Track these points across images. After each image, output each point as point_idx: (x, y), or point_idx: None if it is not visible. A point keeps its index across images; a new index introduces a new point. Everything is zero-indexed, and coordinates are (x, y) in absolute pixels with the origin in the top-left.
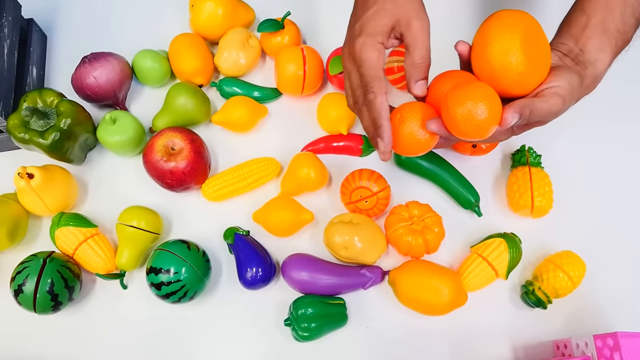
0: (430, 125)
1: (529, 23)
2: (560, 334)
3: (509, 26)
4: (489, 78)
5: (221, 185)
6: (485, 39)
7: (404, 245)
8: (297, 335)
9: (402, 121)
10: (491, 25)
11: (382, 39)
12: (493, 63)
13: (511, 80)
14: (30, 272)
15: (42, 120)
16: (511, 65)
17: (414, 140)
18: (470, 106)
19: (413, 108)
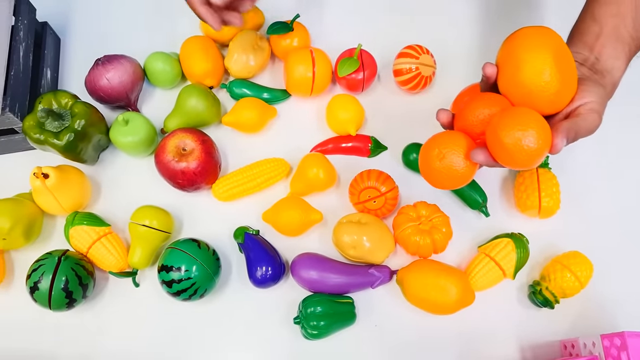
0: (477, 157)
1: (555, 39)
2: (568, 333)
3: (538, 45)
4: (523, 100)
5: (231, 186)
6: (515, 61)
7: (412, 245)
8: (306, 333)
9: (442, 157)
10: (519, 46)
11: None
12: (527, 84)
13: (547, 100)
14: (45, 270)
15: (56, 122)
16: (547, 85)
17: (455, 174)
18: (522, 135)
19: (450, 140)
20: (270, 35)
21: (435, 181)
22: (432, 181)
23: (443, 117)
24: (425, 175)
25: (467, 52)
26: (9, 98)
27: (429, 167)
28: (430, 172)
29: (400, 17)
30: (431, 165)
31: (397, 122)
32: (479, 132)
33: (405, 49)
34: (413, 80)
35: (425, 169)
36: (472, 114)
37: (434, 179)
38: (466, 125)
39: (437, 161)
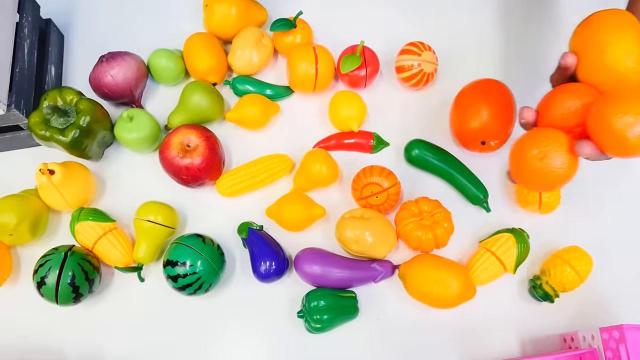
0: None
1: (633, 19)
2: (567, 327)
3: (621, 26)
4: (611, 84)
5: (235, 181)
6: (599, 44)
7: (414, 240)
8: (309, 326)
9: (543, 156)
10: (601, 29)
11: None
12: (616, 67)
13: (638, 81)
14: (52, 265)
15: (62, 118)
16: (636, 66)
17: (558, 173)
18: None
19: (548, 137)
20: (274, 32)
21: (535, 183)
22: (530, 184)
23: (529, 115)
24: (521, 179)
25: (469, 49)
26: (15, 95)
27: (526, 169)
28: (529, 174)
29: (402, 14)
30: (529, 166)
31: (399, 119)
32: (571, 126)
33: (408, 46)
34: (415, 76)
35: (521, 171)
36: (562, 107)
37: (533, 182)
38: (555, 120)
39: (537, 162)
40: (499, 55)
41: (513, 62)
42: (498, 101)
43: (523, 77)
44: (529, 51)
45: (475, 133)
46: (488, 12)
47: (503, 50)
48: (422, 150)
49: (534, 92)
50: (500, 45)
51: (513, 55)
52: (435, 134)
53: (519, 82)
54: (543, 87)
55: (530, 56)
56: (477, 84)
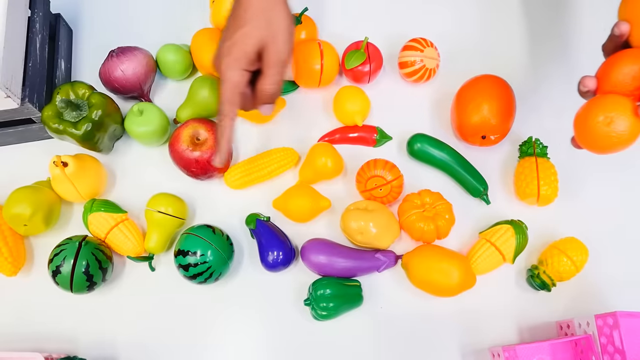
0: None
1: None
2: (564, 315)
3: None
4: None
5: (243, 174)
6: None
7: (416, 231)
8: (316, 314)
9: (610, 121)
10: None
11: (246, 65)
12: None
13: None
14: (67, 255)
15: (74, 112)
16: None
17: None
18: None
19: (613, 103)
20: None
21: (603, 146)
22: (598, 147)
23: (590, 83)
24: (589, 143)
25: (470, 45)
26: (28, 89)
27: (594, 134)
28: (597, 138)
29: (404, 10)
30: (597, 131)
31: (401, 113)
32: (631, 89)
33: (411, 42)
34: (418, 72)
35: (587, 137)
36: (621, 73)
37: (601, 145)
38: (616, 86)
39: (604, 127)
40: (499, 51)
41: (514, 58)
42: (498, 96)
43: (523, 73)
44: (530, 47)
45: (476, 127)
46: (489, 9)
47: (504, 46)
48: (424, 144)
49: (533, 87)
50: (501, 42)
51: (514, 51)
52: (436, 128)
53: (519, 78)
54: (544, 83)
55: (531, 52)
56: (478, 79)
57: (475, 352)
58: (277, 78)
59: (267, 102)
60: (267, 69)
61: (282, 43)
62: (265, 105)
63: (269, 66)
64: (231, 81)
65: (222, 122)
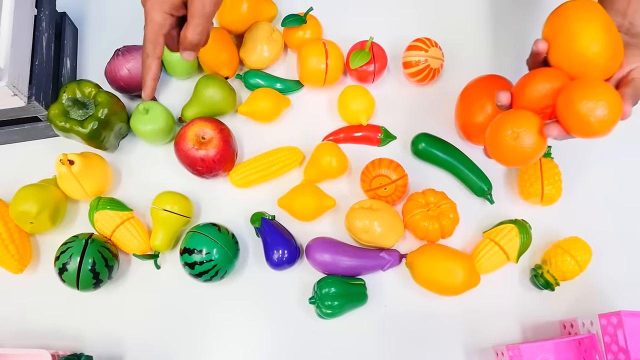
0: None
1: (600, 9)
2: (567, 314)
3: (589, 15)
4: (579, 68)
5: (248, 173)
6: (568, 32)
7: (420, 230)
8: (320, 312)
9: (517, 136)
10: (571, 18)
11: (170, 9)
12: (583, 53)
13: (602, 66)
14: (73, 252)
15: (81, 110)
16: (601, 52)
17: (528, 151)
18: (597, 104)
19: (522, 119)
20: (284, 27)
21: (508, 159)
22: (503, 160)
23: (504, 98)
24: (496, 155)
25: (474, 45)
26: (34, 87)
27: (501, 147)
28: (503, 151)
29: (409, 10)
30: (504, 144)
31: (405, 113)
32: (542, 107)
33: (415, 42)
34: (422, 72)
35: (496, 149)
36: (534, 90)
37: (506, 158)
38: (529, 102)
39: (511, 140)
40: (503, 51)
41: (517, 58)
42: None
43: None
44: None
45: (480, 127)
46: (493, 9)
47: (508, 46)
48: (428, 144)
49: None
50: (505, 42)
51: (517, 51)
52: (440, 128)
53: None
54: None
55: None
56: (482, 79)
57: (479, 350)
58: (200, 29)
59: (189, 50)
60: (190, 18)
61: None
62: (187, 51)
63: (192, 16)
64: (154, 22)
65: (146, 60)
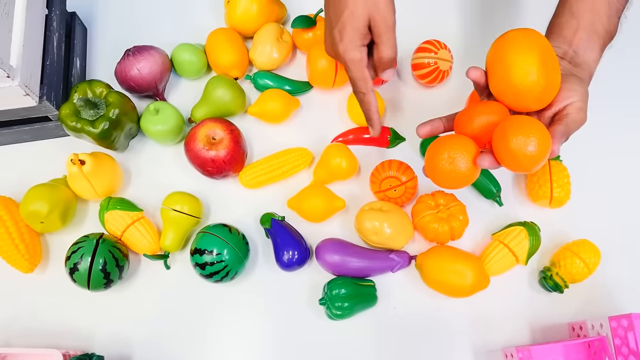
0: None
1: (541, 40)
2: (575, 316)
3: (525, 48)
4: (513, 98)
5: (257, 174)
6: (504, 62)
7: (430, 232)
8: (330, 313)
9: (452, 161)
10: (508, 49)
11: (362, 41)
12: (516, 84)
13: (535, 98)
14: (84, 252)
15: (92, 110)
16: (534, 84)
17: (461, 177)
18: (527, 142)
19: (459, 145)
20: (294, 28)
21: (441, 182)
22: (437, 181)
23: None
24: (431, 176)
25: (483, 47)
26: (46, 87)
27: (436, 169)
28: (438, 173)
29: (418, 12)
30: (439, 167)
31: (414, 115)
32: (479, 136)
33: (424, 44)
34: (431, 74)
35: (432, 170)
36: (473, 121)
37: (440, 180)
38: (467, 132)
39: (447, 164)
40: None
41: None
42: None
43: None
44: None
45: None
46: (502, 11)
47: None
48: None
49: None
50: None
51: None
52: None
53: None
54: None
55: None
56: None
57: (487, 352)
58: (392, 42)
59: (389, 67)
60: (379, 37)
61: (385, 10)
62: (388, 71)
63: (381, 34)
64: (355, 61)
65: (364, 98)
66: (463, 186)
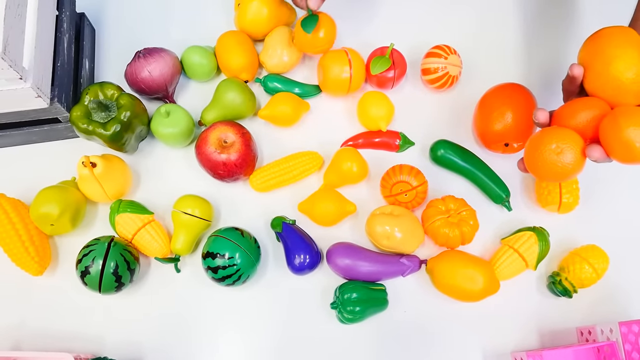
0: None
1: (636, 37)
2: (584, 321)
3: (625, 42)
4: (613, 93)
5: (268, 177)
6: (605, 57)
7: (441, 237)
8: (342, 317)
9: (560, 151)
10: (607, 44)
11: None
12: (618, 77)
13: (636, 92)
14: (96, 255)
15: (103, 113)
16: (636, 78)
17: (567, 169)
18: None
19: (568, 136)
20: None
21: (545, 173)
22: (540, 173)
23: (542, 116)
24: (533, 167)
25: (492, 53)
26: (57, 89)
27: (540, 160)
28: (543, 164)
29: (428, 17)
30: (544, 158)
31: (424, 119)
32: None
33: (434, 49)
34: (441, 79)
35: (535, 161)
36: (574, 116)
37: (544, 172)
38: (570, 126)
39: (554, 155)
40: (522, 59)
41: (536, 66)
42: (521, 105)
43: (546, 82)
44: (553, 56)
45: (499, 135)
46: (512, 17)
47: (526, 54)
48: (447, 151)
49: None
50: (524, 50)
51: (536, 59)
52: (459, 135)
53: (542, 87)
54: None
55: (553, 60)
56: (502, 87)
57: (497, 356)
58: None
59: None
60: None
61: None
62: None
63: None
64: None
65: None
66: (567, 179)
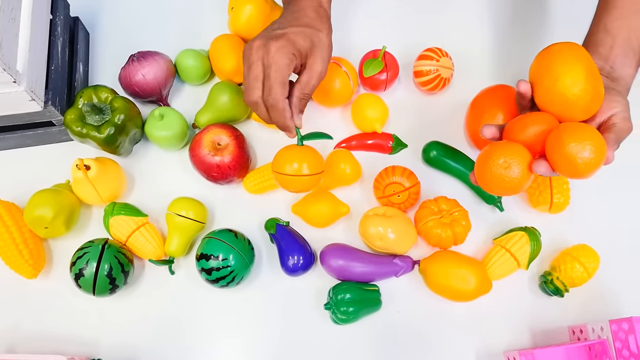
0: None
1: (584, 53)
2: (575, 320)
3: (572, 59)
4: (560, 108)
5: (262, 179)
6: (552, 73)
7: (434, 237)
8: (336, 318)
9: (507, 166)
10: (555, 60)
11: (296, 53)
12: (565, 94)
13: (583, 107)
14: (90, 257)
15: (97, 116)
16: (582, 94)
17: (515, 183)
18: (584, 148)
19: (515, 151)
20: None
21: (493, 187)
22: (488, 187)
23: (488, 133)
24: (482, 181)
25: (484, 55)
26: (50, 92)
27: (489, 174)
28: (491, 178)
29: (420, 19)
30: (493, 172)
31: (416, 121)
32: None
33: (426, 52)
34: (433, 81)
35: (484, 175)
36: (524, 130)
37: (492, 185)
38: (519, 140)
39: (501, 169)
40: (513, 62)
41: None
42: (513, 106)
43: None
44: None
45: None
46: (504, 19)
47: (517, 57)
48: (439, 152)
49: None
50: (515, 52)
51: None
52: (451, 136)
53: None
54: None
55: None
56: (493, 89)
57: (489, 355)
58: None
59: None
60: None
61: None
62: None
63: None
64: (281, 64)
65: (278, 105)
66: (514, 193)
